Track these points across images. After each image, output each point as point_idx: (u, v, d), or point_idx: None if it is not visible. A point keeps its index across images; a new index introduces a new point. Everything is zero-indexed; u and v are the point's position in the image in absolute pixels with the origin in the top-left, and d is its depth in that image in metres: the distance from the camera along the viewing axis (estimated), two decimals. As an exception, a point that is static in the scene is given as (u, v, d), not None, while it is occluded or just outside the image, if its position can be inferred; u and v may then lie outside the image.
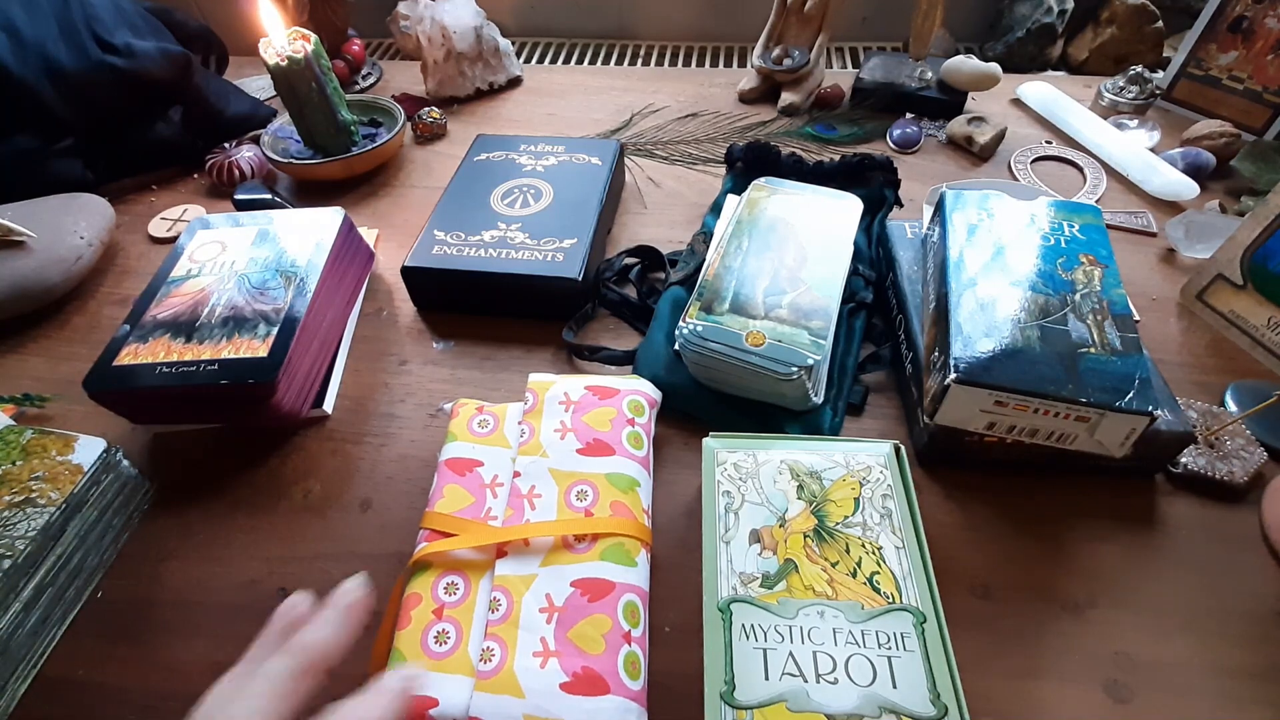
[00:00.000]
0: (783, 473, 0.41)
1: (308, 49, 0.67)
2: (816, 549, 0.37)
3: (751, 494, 0.40)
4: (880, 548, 0.37)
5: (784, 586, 0.36)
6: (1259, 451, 0.46)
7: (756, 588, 0.36)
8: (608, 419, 0.44)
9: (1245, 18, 0.73)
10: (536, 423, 0.45)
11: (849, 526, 0.38)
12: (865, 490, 0.40)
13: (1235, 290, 0.55)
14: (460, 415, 0.47)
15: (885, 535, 0.38)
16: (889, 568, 0.36)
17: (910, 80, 0.83)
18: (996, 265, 0.47)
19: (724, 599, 0.35)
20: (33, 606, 0.40)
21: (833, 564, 0.36)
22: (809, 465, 0.41)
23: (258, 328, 0.49)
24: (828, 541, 0.37)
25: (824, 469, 0.41)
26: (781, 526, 0.38)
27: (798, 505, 0.39)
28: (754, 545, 0.38)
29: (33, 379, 0.56)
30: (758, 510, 0.39)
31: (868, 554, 0.37)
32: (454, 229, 0.60)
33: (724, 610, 0.34)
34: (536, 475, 0.42)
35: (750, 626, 0.34)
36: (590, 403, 0.45)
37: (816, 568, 0.36)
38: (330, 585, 0.39)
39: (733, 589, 0.36)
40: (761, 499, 0.40)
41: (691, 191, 0.73)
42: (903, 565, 0.36)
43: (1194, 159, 0.70)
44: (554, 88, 0.93)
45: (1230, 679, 0.38)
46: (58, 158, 0.69)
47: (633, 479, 0.42)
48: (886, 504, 0.39)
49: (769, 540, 0.38)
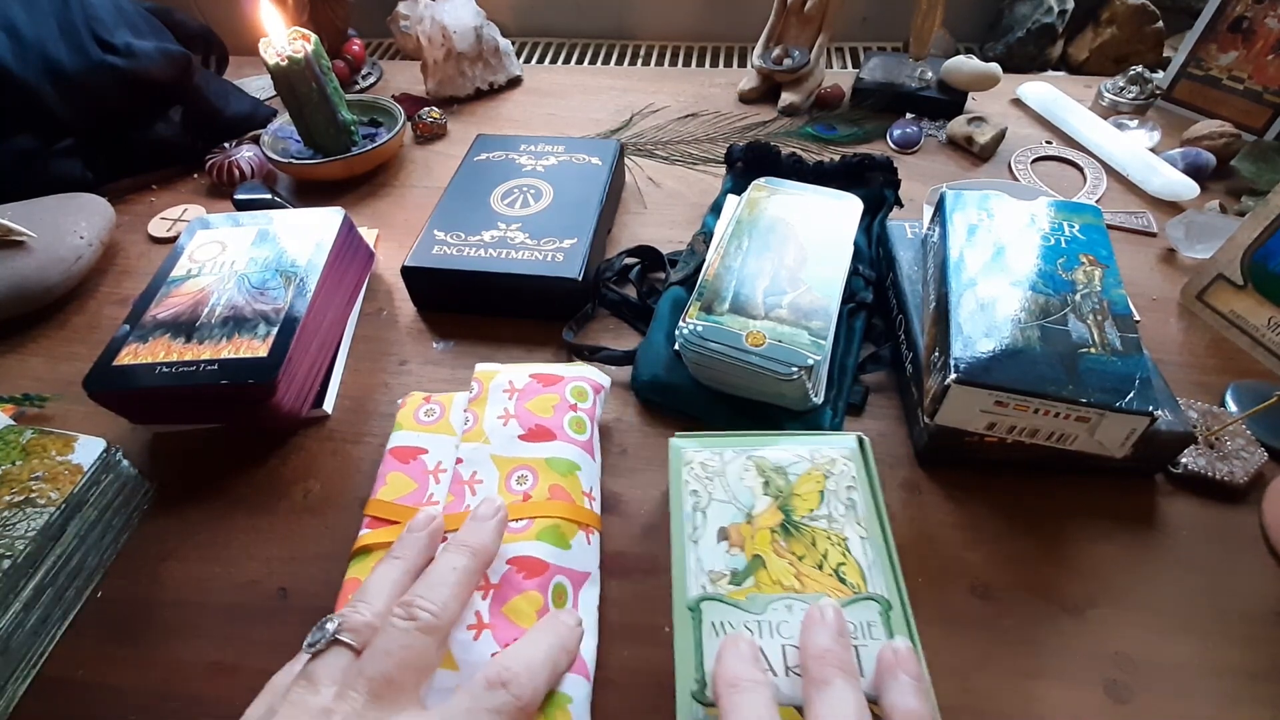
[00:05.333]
0: (749, 469, 0.41)
1: (308, 49, 0.67)
2: (784, 543, 0.37)
3: (719, 492, 0.40)
4: (845, 539, 0.37)
5: (752, 582, 0.36)
6: (1259, 452, 0.46)
7: (725, 585, 0.36)
8: (550, 405, 0.45)
9: (1245, 18, 0.73)
10: (480, 410, 0.45)
11: (815, 520, 0.38)
12: (830, 483, 0.40)
13: (1235, 290, 0.55)
14: (407, 406, 0.48)
15: (850, 526, 0.38)
16: (854, 558, 0.37)
17: (910, 80, 0.83)
18: (997, 265, 0.47)
19: (693, 598, 0.35)
20: (33, 606, 0.39)
21: (799, 558, 0.37)
22: (775, 461, 0.41)
23: (258, 328, 0.49)
24: (794, 535, 0.38)
25: (789, 464, 0.41)
26: (749, 523, 0.38)
27: (764, 501, 0.39)
28: (722, 543, 0.38)
29: (33, 379, 0.56)
30: (725, 508, 0.39)
31: (833, 546, 0.37)
32: (454, 229, 0.60)
33: (694, 609, 0.35)
34: (478, 462, 0.42)
35: (720, 624, 0.34)
36: (534, 390, 0.46)
37: (784, 562, 0.37)
38: (331, 585, 0.40)
39: (702, 587, 0.36)
40: (729, 496, 0.40)
41: (691, 191, 0.73)
42: (868, 555, 0.37)
43: (1194, 159, 0.70)
44: (554, 88, 0.93)
45: (1230, 679, 0.38)
46: (58, 158, 0.69)
47: (573, 463, 0.43)
48: (851, 495, 0.39)
49: (736, 537, 0.38)
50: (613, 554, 0.43)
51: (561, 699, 0.34)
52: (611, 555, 0.43)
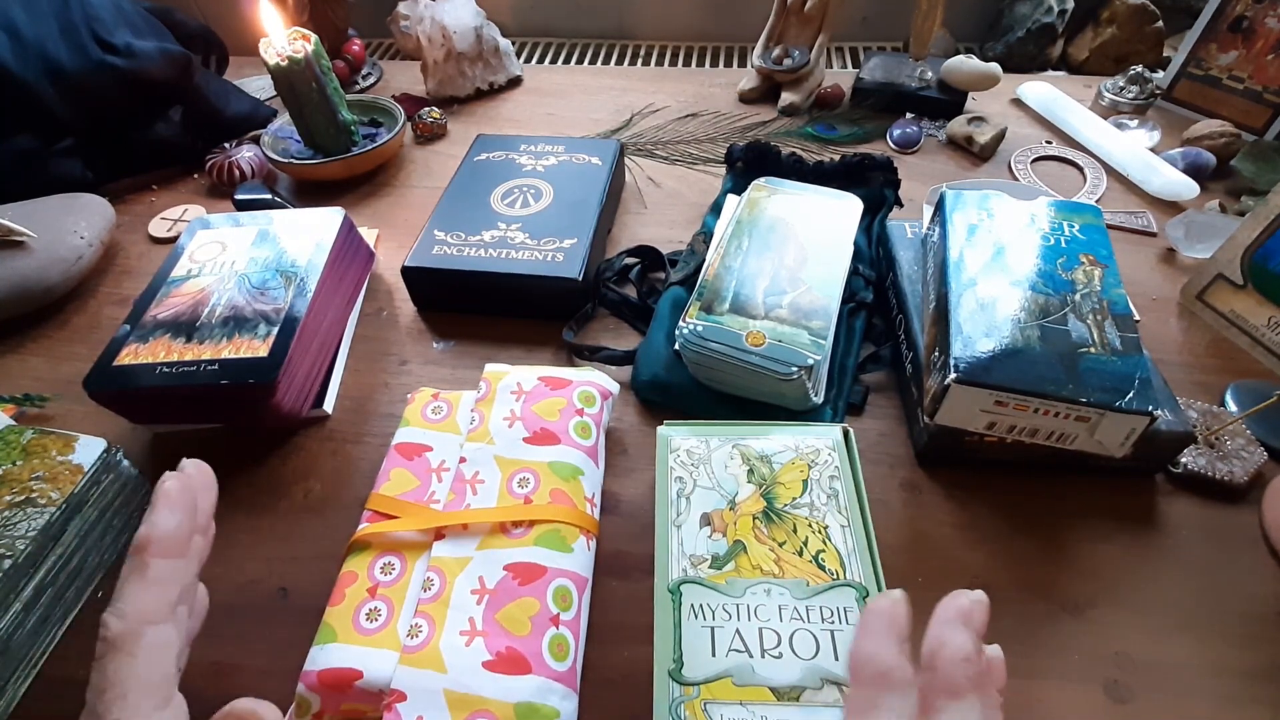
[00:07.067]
0: (734, 457, 0.42)
1: (308, 49, 0.67)
2: (765, 530, 0.38)
3: (703, 479, 0.41)
4: (826, 527, 0.38)
5: (733, 567, 0.37)
6: (1259, 451, 0.46)
7: (706, 569, 0.37)
8: (556, 409, 0.45)
9: (1245, 18, 0.73)
10: (487, 411, 0.45)
11: (797, 507, 0.39)
12: (814, 472, 0.41)
13: (1235, 290, 0.55)
14: (415, 402, 0.48)
15: (831, 515, 0.39)
16: (834, 546, 0.37)
17: (910, 80, 0.83)
18: (996, 265, 0.47)
19: (674, 580, 0.36)
20: (33, 606, 0.39)
21: (780, 544, 0.37)
22: (759, 450, 0.42)
23: (258, 328, 0.49)
24: (776, 522, 0.38)
25: (774, 453, 0.42)
26: (732, 509, 0.39)
27: (748, 488, 0.40)
28: (704, 528, 0.38)
29: (33, 379, 0.56)
30: (709, 494, 0.40)
31: (814, 533, 0.38)
32: (454, 229, 0.60)
33: (674, 591, 0.35)
34: (481, 462, 0.43)
35: (699, 606, 0.35)
36: (541, 392, 0.46)
37: (764, 548, 0.37)
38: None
39: (683, 571, 0.37)
40: (713, 483, 0.40)
41: (691, 191, 0.73)
42: (848, 543, 0.37)
43: (1194, 159, 0.70)
44: (554, 88, 0.93)
45: (1230, 679, 0.38)
46: (58, 158, 0.69)
47: (576, 468, 0.43)
48: (834, 485, 0.40)
49: (719, 523, 0.39)
50: (611, 554, 0.43)
51: (548, 712, 0.34)
52: (610, 555, 0.43)
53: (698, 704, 0.32)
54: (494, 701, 0.33)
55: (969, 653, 0.24)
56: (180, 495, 0.29)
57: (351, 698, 0.35)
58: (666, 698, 0.32)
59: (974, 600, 0.25)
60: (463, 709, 0.33)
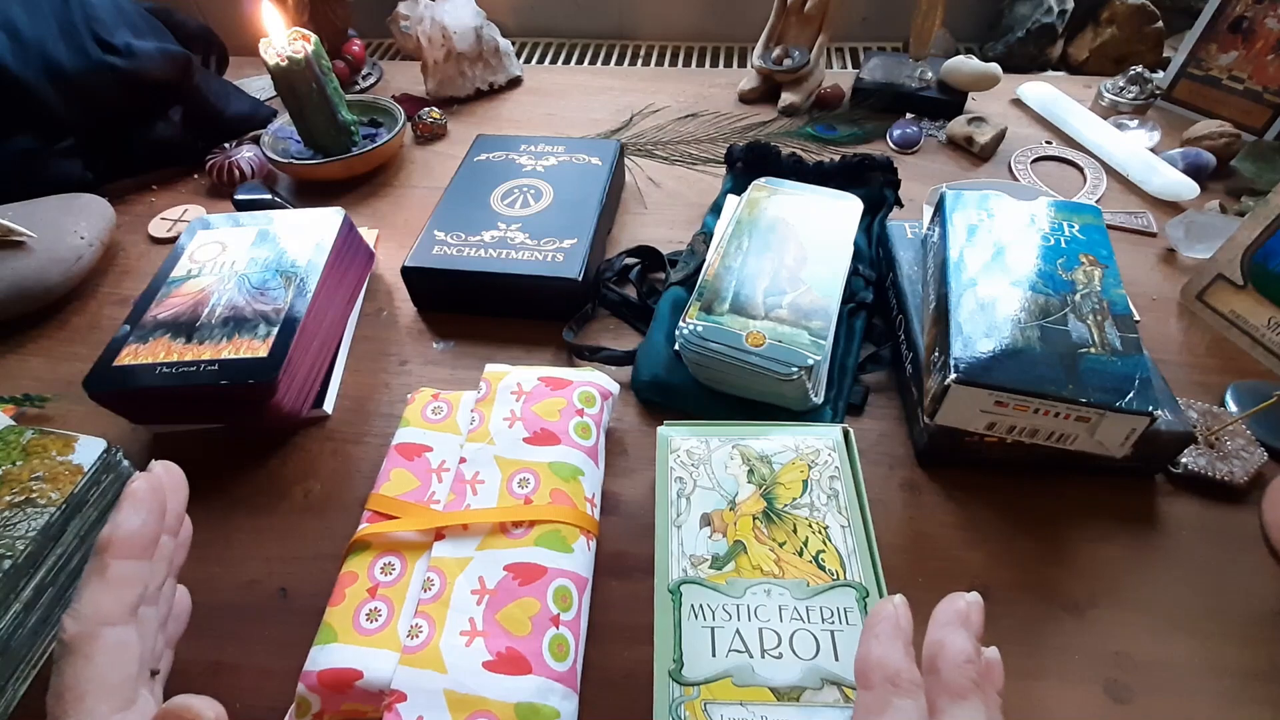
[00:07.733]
0: (734, 458, 0.42)
1: (308, 49, 0.67)
2: (765, 530, 0.38)
3: (703, 479, 0.41)
4: (826, 527, 0.38)
5: (733, 567, 0.37)
6: (1259, 451, 0.46)
7: (706, 569, 0.37)
8: (557, 409, 0.45)
9: (1245, 18, 0.73)
10: (487, 411, 0.45)
11: (797, 508, 0.39)
12: (814, 473, 0.41)
13: (1235, 290, 0.55)
14: (415, 402, 0.48)
15: (831, 515, 0.39)
16: (834, 546, 0.37)
17: (910, 80, 0.83)
18: (996, 265, 0.47)
19: (674, 581, 0.36)
20: (33, 606, 0.39)
21: (780, 544, 0.37)
22: (760, 450, 0.42)
23: (258, 328, 0.49)
24: (776, 523, 0.38)
25: (774, 453, 0.42)
26: (732, 509, 0.39)
27: (748, 489, 0.40)
28: (705, 528, 0.38)
29: (33, 379, 0.56)
30: (709, 495, 0.40)
31: (814, 533, 0.38)
32: (454, 229, 0.60)
33: (674, 591, 0.35)
34: (482, 462, 0.43)
35: (699, 606, 0.35)
36: (541, 393, 0.46)
37: (764, 548, 0.37)
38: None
39: (683, 571, 0.37)
40: (713, 483, 0.41)
41: (691, 191, 0.73)
42: (848, 543, 0.37)
43: (1194, 159, 0.70)
44: (554, 88, 0.93)
45: (1230, 679, 0.38)
46: (58, 158, 0.69)
47: (576, 468, 0.43)
48: (834, 485, 0.40)
49: (719, 523, 0.39)
50: (612, 554, 0.43)
51: (548, 712, 0.34)
52: (610, 555, 0.43)
53: (698, 704, 0.32)
54: (494, 702, 0.33)
55: (969, 654, 0.24)
56: (147, 496, 0.29)
57: (352, 698, 0.35)
58: (666, 698, 0.32)
59: (970, 602, 0.26)
60: (463, 709, 0.33)
